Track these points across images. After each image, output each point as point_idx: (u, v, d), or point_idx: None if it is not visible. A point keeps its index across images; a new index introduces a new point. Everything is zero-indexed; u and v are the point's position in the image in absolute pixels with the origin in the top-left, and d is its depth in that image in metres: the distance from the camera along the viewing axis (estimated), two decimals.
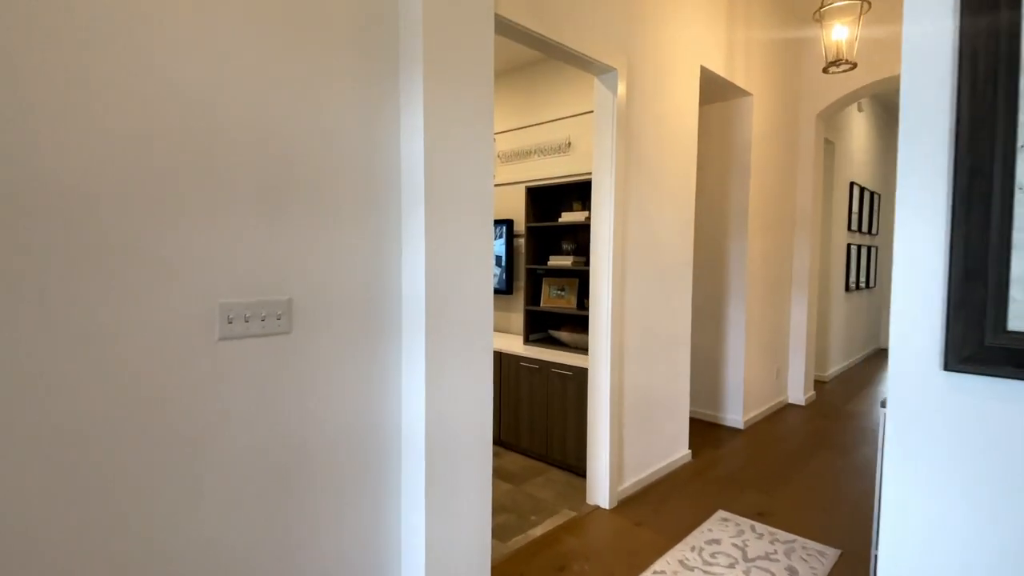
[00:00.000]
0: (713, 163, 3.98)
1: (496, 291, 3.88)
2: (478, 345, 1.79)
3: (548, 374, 3.07)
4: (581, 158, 3.49)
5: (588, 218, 3.13)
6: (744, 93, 3.71)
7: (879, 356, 7.02)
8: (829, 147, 5.21)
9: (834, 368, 5.76)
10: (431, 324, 1.64)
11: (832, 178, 5.38)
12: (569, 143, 3.56)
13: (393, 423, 1.70)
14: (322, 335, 1.52)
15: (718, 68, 3.34)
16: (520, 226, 3.87)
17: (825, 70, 2.72)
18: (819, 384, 5.37)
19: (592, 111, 3.41)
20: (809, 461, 3.30)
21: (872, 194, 6.65)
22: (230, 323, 1.34)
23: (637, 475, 2.88)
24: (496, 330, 4.06)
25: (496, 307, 4.06)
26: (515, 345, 3.43)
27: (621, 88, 2.56)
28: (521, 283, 3.86)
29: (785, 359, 4.57)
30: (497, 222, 3.85)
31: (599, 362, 2.67)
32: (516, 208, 3.91)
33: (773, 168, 4.10)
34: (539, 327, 3.53)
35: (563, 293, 3.38)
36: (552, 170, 3.67)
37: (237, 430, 1.37)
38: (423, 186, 1.61)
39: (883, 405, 1.60)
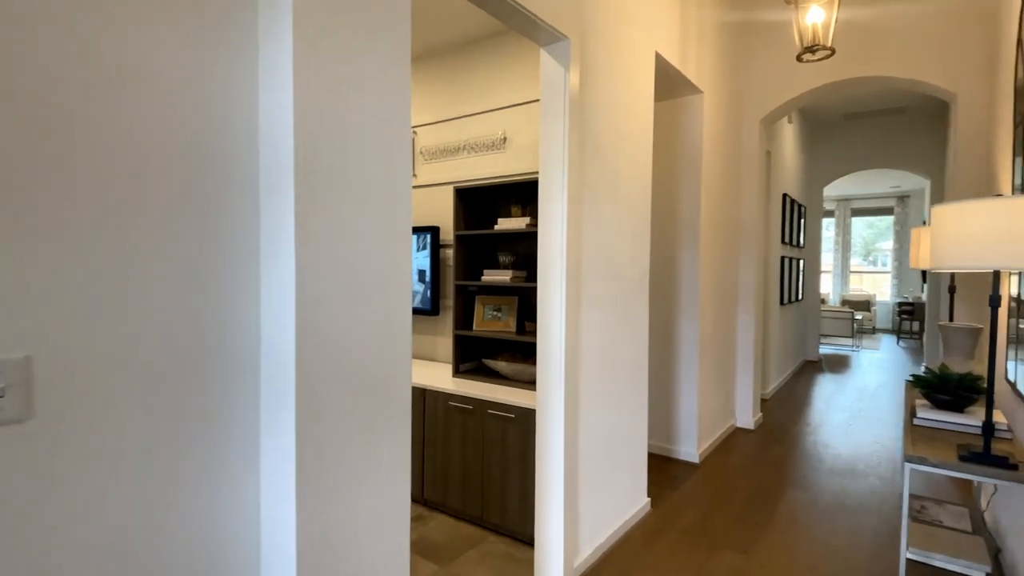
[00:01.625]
0: (662, 167, 3.60)
1: (418, 312, 3.26)
2: (387, 419, 1.19)
3: (484, 416, 2.49)
4: (519, 155, 2.97)
5: (530, 225, 2.60)
6: (695, 90, 3.36)
7: (807, 369, 7.04)
8: (766, 156, 5.05)
9: (773, 385, 5.60)
10: (308, 392, 1.03)
11: (768, 189, 5.24)
12: (505, 138, 3.03)
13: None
14: (99, 422, 0.86)
15: (672, 57, 2.95)
16: (448, 234, 3.28)
17: (799, 57, 2.38)
18: (762, 403, 5.16)
19: (531, 101, 2.90)
20: (778, 503, 2.93)
21: (800, 206, 6.67)
22: None
23: (595, 539, 2.36)
24: (418, 357, 3.43)
25: (418, 330, 3.43)
26: (442, 377, 2.82)
27: (574, 66, 2.05)
28: (449, 302, 3.26)
29: (733, 380, 4.27)
30: (419, 229, 3.24)
31: (550, 401, 2.13)
32: (442, 213, 3.32)
33: (720, 175, 3.79)
34: (471, 355, 2.95)
35: (500, 314, 2.83)
36: (485, 169, 3.12)
37: None
38: (293, 167, 1.00)
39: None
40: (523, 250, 2.88)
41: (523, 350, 2.88)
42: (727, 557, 2.37)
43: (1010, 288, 2.22)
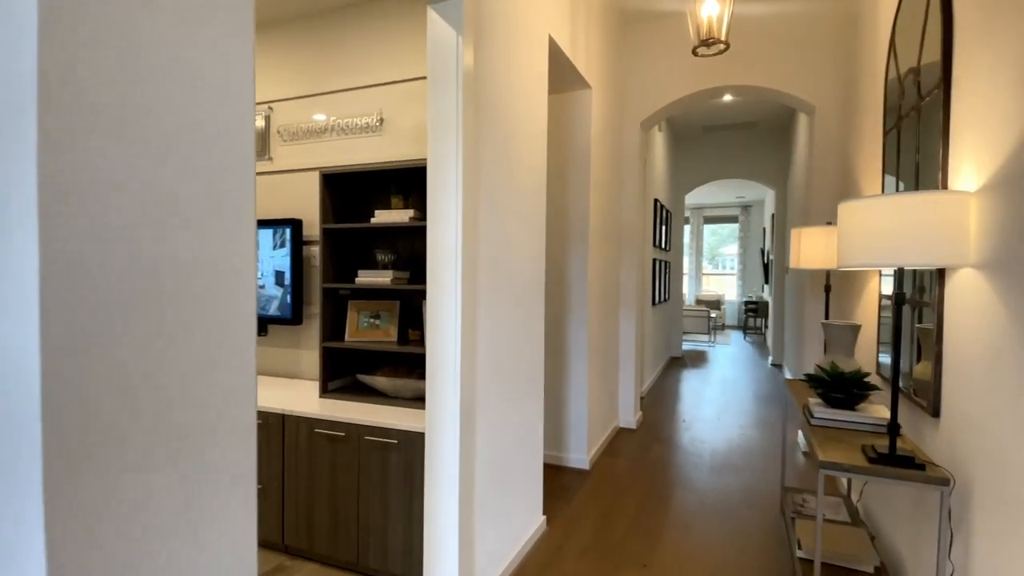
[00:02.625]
0: (551, 164, 3.45)
1: (277, 321, 2.74)
2: (216, 455, 0.80)
3: (360, 443, 2.09)
4: (399, 139, 2.60)
5: (415, 218, 2.26)
6: (584, 84, 3.25)
7: (673, 365, 7.45)
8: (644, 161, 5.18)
9: (647, 383, 5.78)
10: (62, 446, 0.61)
11: (645, 194, 5.38)
12: (382, 119, 2.64)
13: None
14: None
15: (564, 44, 2.78)
16: (313, 228, 2.81)
17: (695, 51, 2.33)
18: (640, 401, 5.27)
19: (415, 79, 2.56)
20: (668, 507, 2.88)
21: (668, 212, 7.03)
22: None
23: (492, 572, 2.07)
24: (278, 374, 2.90)
25: (278, 343, 2.90)
26: (307, 399, 2.36)
27: (468, 32, 1.76)
28: (315, 308, 2.79)
29: (616, 381, 4.26)
30: (275, 223, 2.73)
31: (442, 420, 1.81)
32: (307, 203, 2.84)
33: (605, 177, 3.74)
34: (344, 370, 2.52)
35: (378, 322, 2.44)
36: (359, 154, 2.70)
37: None
38: (36, 82, 0.58)
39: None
40: (406, 247, 2.52)
41: (406, 362, 2.52)
42: (630, 574, 2.22)
43: (880, 286, 2.34)
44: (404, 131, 2.59)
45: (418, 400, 2.28)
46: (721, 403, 5.27)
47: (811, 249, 2.45)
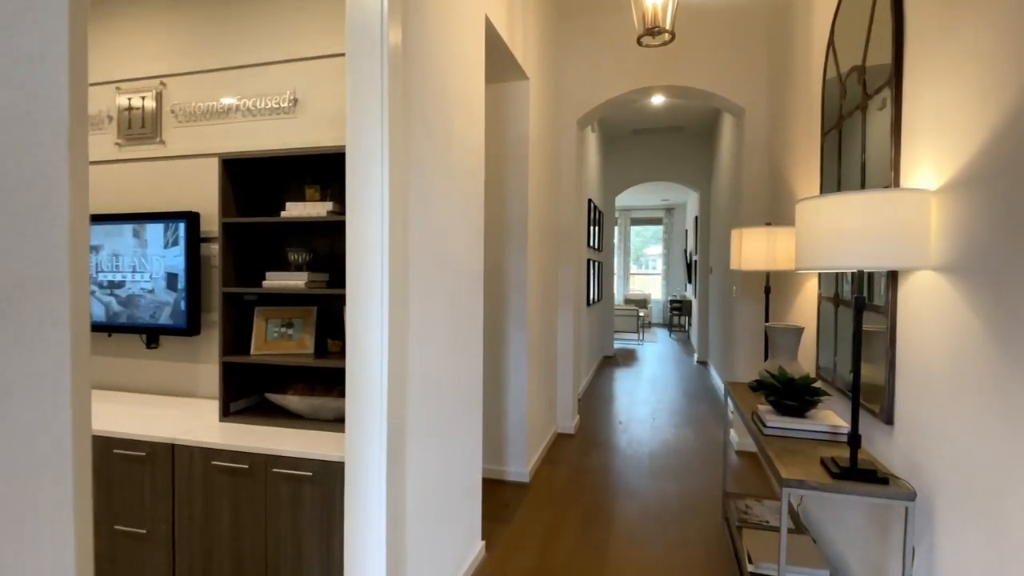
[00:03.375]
0: (488, 158, 3.24)
1: (170, 331, 2.35)
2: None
3: (267, 477, 1.79)
4: (316, 122, 2.30)
5: (335, 212, 1.97)
6: (522, 75, 3.06)
7: (606, 364, 7.47)
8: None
9: (583, 384, 5.71)
10: None
11: (581, 192, 5.29)
12: (295, 100, 2.32)
13: None
14: None
15: (501, 26, 2.58)
16: (212, 223, 2.44)
17: (639, 40, 2.20)
18: (577, 403, 5.18)
19: (335, 55, 2.27)
20: (612, 518, 2.76)
21: (600, 212, 7.03)
22: None
23: None
24: (173, 393, 2.50)
25: (172, 356, 2.50)
26: (205, 423, 2.01)
27: (395, 2, 1.51)
28: (215, 316, 2.42)
29: (555, 386, 4.12)
30: (167, 216, 2.34)
31: (366, 446, 1.56)
32: (207, 195, 2.46)
33: (543, 174, 3.58)
34: (250, 388, 2.18)
35: (291, 331, 2.13)
36: (268, 138, 2.37)
37: None
38: None
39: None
40: (324, 245, 2.22)
41: (326, 378, 2.22)
42: None
43: (820, 286, 2.32)
44: (322, 114, 2.28)
45: (340, 422, 2.00)
46: (654, 402, 5.28)
47: (753, 250, 2.40)
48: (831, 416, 1.84)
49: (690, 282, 11.01)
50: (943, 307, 1.33)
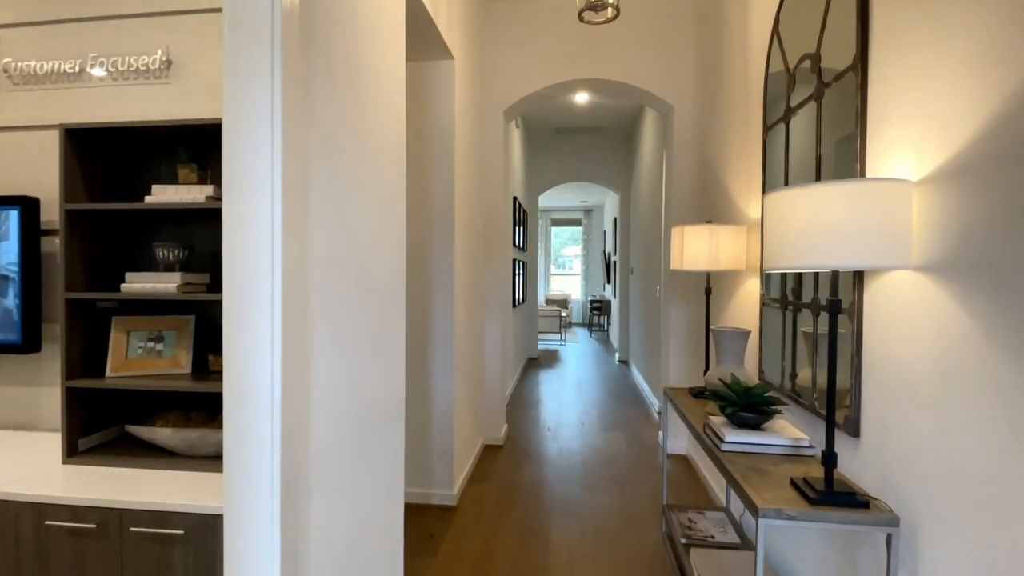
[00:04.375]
0: (410, 142, 2.91)
1: (3, 346, 1.83)
2: None
3: (124, 540, 1.37)
4: (194, 89, 1.87)
5: (215, 197, 1.58)
6: (446, 53, 2.77)
7: (531, 366, 7.31)
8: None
9: (509, 389, 5.49)
10: None
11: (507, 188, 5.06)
12: (169, 61, 1.89)
13: None
14: None
15: None
16: (53, 211, 1.94)
17: (580, 16, 1.99)
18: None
19: (217, 9, 1.87)
20: (549, 540, 2.53)
21: (525, 211, 6.85)
22: None
23: None
24: (4, 425, 1.96)
25: (2, 379, 1.96)
26: (42, 467, 1.55)
27: None
28: (58, 330, 1.92)
29: (482, 395, 3.86)
30: None
31: (251, 499, 1.20)
32: (49, 176, 1.96)
33: (468, 166, 3.31)
34: (106, 419, 1.73)
35: (161, 347, 1.70)
36: (134, 107, 1.91)
37: None
38: None
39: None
40: (205, 239, 1.80)
41: (205, 404, 1.80)
42: None
43: (764, 287, 2.23)
44: (202, 79, 1.87)
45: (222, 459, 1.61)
46: (581, 405, 5.17)
47: (695, 250, 2.27)
48: (787, 427, 1.72)
49: (609, 282, 11.17)
50: (926, 310, 1.21)
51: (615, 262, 9.29)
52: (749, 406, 1.68)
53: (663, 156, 4.92)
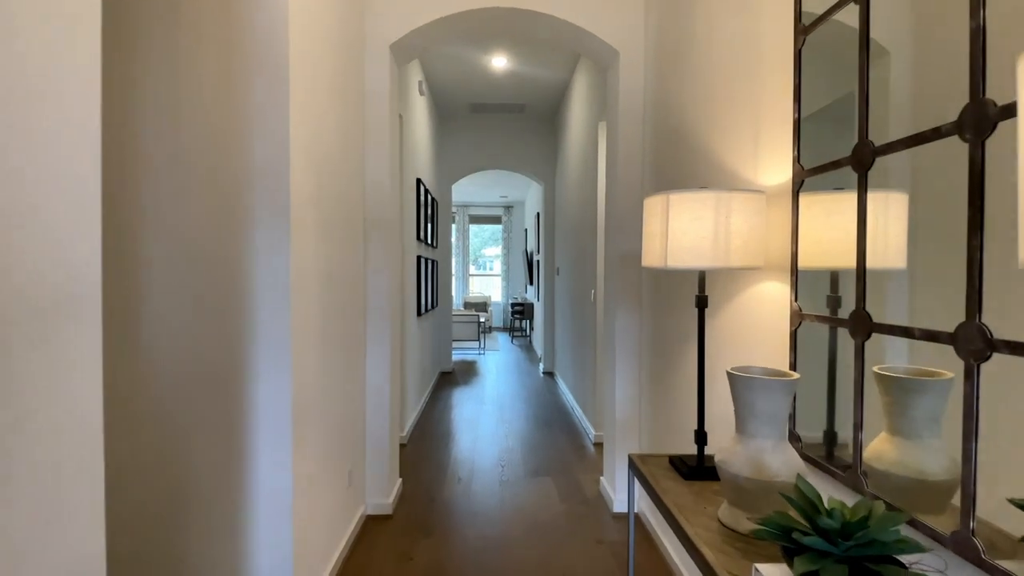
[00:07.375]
0: (207, 49, 1.73)
1: None
2: None
3: None
4: None
5: None
6: None
7: (443, 383, 6.22)
8: (399, 118, 3.74)
9: (410, 421, 4.38)
10: None
11: (402, 164, 3.95)
12: None
13: None
14: None
15: None
16: None
17: None
18: (400, 452, 3.82)
19: None
20: None
21: (435, 200, 5.76)
22: None
23: None
24: None
25: None
26: None
27: None
28: None
29: (361, 446, 2.74)
30: None
31: None
32: None
33: (330, 108, 2.19)
34: None
35: None
36: None
37: None
38: None
39: None
40: None
41: None
42: None
43: (793, 294, 1.31)
44: None
45: None
46: (502, 438, 4.16)
47: (692, 233, 1.32)
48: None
49: (532, 283, 10.30)
50: None
51: (538, 261, 8.41)
52: (858, 561, 0.73)
53: (599, 131, 4.03)
